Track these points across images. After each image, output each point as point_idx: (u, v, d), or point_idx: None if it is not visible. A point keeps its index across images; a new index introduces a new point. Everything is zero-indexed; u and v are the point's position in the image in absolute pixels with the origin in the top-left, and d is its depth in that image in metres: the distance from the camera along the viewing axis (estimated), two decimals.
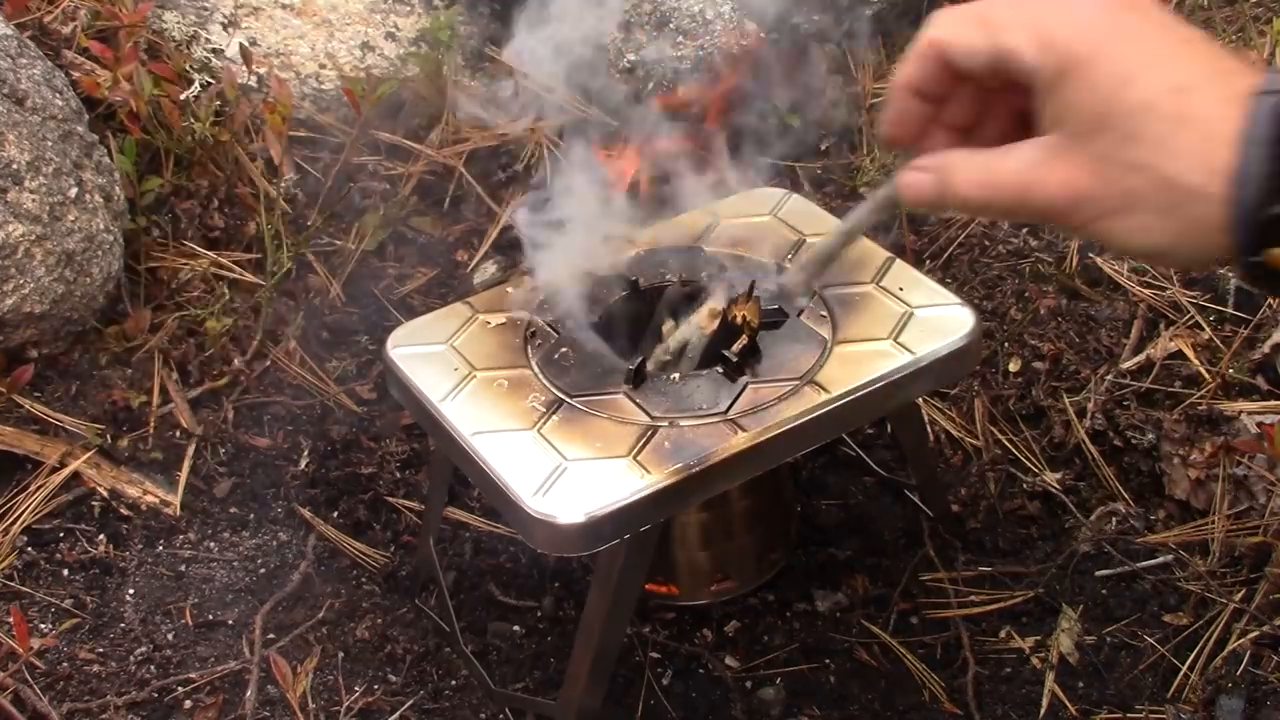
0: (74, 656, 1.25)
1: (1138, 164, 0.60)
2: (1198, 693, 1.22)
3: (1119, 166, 0.61)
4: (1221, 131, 0.58)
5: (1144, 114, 0.59)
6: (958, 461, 1.49)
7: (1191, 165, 0.58)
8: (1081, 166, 0.62)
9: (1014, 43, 0.64)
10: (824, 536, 1.41)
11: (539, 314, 1.18)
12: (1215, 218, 0.58)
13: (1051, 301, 1.57)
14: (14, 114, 1.41)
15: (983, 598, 1.34)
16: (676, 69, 1.83)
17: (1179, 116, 0.59)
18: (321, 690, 1.25)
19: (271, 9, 1.78)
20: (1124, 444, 1.43)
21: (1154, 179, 0.59)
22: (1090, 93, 0.61)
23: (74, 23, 1.64)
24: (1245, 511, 1.34)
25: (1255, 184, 0.56)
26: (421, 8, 1.84)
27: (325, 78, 1.75)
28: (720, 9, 1.81)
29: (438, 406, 1.09)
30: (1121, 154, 0.60)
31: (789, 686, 1.28)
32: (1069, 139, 0.62)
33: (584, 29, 1.47)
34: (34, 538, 1.36)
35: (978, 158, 0.67)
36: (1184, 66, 0.60)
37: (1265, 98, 0.57)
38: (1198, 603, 1.30)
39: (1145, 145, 0.59)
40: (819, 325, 1.15)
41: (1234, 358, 1.44)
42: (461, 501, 1.46)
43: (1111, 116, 0.60)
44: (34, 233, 1.38)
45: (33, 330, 1.43)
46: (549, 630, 1.34)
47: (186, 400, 1.49)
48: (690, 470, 1.00)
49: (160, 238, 1.60)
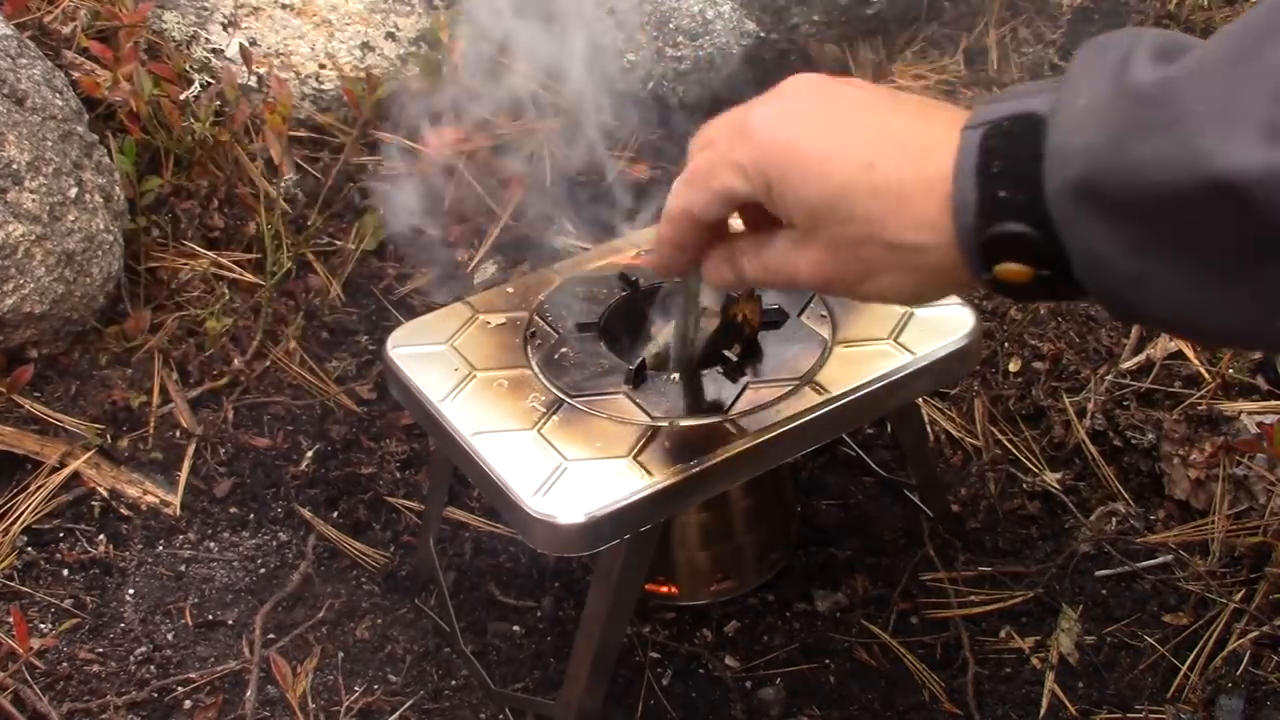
0: (74, 656, 1.25)
1: (861, 239, 0.68)
2: (1198, 693, 1.22)
3: (848, 246, 0.69)
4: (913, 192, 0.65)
5: (843, 198, 0.68)
6: (958, 461, 1.49)
7: (902, 226, 0.66)
8: (820, 252, 0.71)
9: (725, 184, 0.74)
10: (824, 536, 1.41)
11: (538, 314, 1.18)
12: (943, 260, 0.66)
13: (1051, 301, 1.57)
14: (14, 114, 1.41)
15: (983, 598, 1.34)
16: (677, 69, 1.83)
17: (872, 190, 0.67)
18: (321, 690, 1.25)
19: (271, 9, 1.78)
20: (1124, 444, 1.43)
21: (879, 247, 0.68)
22: (795, 195, 0.70)
23: (74, 23, 1.64)
24: (1245, 511, 1.34)
25: (970, 211, 0.63)
26: (421, 8, 1.84)
27: (325, 78, 1.76)
28: (720, 9, 1.81)
29: (438, 406, 1.09)
30: (844, 235, 0.69)
31: (789, 686, 1.28)
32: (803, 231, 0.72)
33: None
34: (34, 538, 1.36)
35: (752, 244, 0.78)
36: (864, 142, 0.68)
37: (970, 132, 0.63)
38: (1198, 603, 1.30)
39: (858, 223, 0.68)
40: (819, 325, 1.15)
41: (1234, 358, 1.44)
42: (461, 501, 1.46)
43: (821, 209, 0.69)
44: (34, 233, 1.38)
45: (33, 330, 1.43)
46: (549, 630, 1.34)
47: (186, 400, 1.49)
48: (690, 470, 1.00)
49: (160, 238, 1.60)
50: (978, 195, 0.62)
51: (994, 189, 0.62)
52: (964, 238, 0.63)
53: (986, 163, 0.62)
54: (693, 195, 0.78)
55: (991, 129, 0.62)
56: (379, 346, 1.47)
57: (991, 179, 0.62)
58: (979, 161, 0.62)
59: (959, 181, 0.63)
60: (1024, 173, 0.60)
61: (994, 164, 0.62)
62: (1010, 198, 0.61)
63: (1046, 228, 0.60)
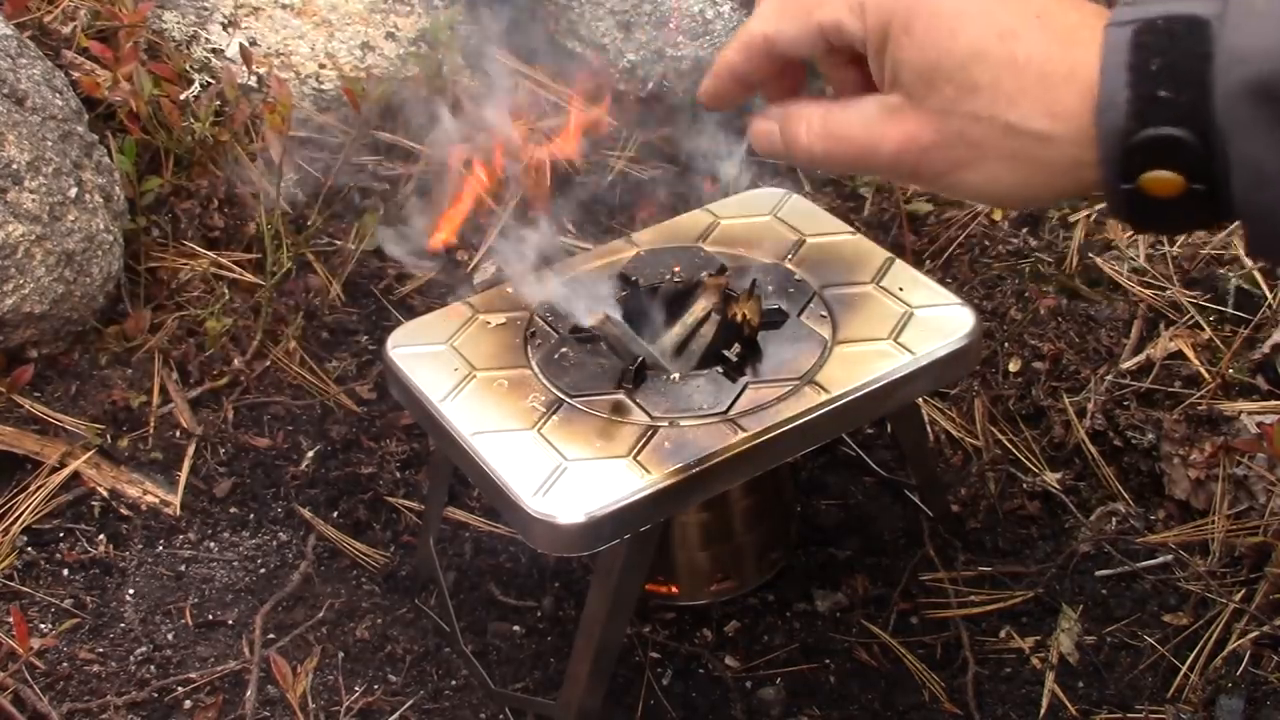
0: (74, 656, 1.25)
1: (978, 114, 0.60)
2: (1198, 693, 1.22)
3: (960, 118, 0.60)
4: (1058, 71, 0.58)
5: (975, 63, 0.59)
6: (958, 461, 1.49)
7: (1032, 110, 0.58)
8: (922, 121, 0.62)
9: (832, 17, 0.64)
10: (824, 536, 1.41)
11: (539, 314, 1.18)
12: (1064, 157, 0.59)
13: (1051, 301, 1.57)
14: (14, 114, 1.41)
15: (983, 598, 1.34)
16: (677, 69, 1.83)
17: (1011, 61, 0.59)
18: (321, 690, 1.25)
19: (271, 9, 1.78)
20: (1124, 444, 1.43)
21: (996, 128, 0.59)
22: (918, 49, 0.61)
23: (74, 23, 1.64)
24: (1245, 511, 1.34)
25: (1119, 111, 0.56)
26: (421, 8, 1.84)
27: (325, 78, 1.76)
28: (720, 9, 1.81)
29: (438, 406, 1.09)
30: (960, 105, 0.60)
31: (789, 686, 1.28)
32: (907, 95, 0.62)
33: None
34: (34, 538, 1.36)
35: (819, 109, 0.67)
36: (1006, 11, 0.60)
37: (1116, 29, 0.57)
38: (1198, 603, 1.30)
39: (983, 95, 0.59)
40: (819, 325, 1.15)
41: (1234, 358, 1.44)
42: (461, 501, 1.46)
43: (943, 69, 0.60)
44: (34, 233, 1.38)
45: (33, 330, 1.43)
46: (549, 630, 1.34)
47: (186, 400, 1.49)
48: (690, 470, 1.00)
49: (160, 238, 1.60)
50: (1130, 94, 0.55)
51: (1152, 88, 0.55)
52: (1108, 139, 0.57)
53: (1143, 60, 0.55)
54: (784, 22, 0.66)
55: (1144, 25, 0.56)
56: (379, 346, 1.47)
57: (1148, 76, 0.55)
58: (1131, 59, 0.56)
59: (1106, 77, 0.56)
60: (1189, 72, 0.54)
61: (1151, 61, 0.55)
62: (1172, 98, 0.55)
63: (1208, 135, 0.54)
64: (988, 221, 1.71)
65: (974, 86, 0.60)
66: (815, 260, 1.23)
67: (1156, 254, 1.59)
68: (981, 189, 0.62)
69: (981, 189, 0.62)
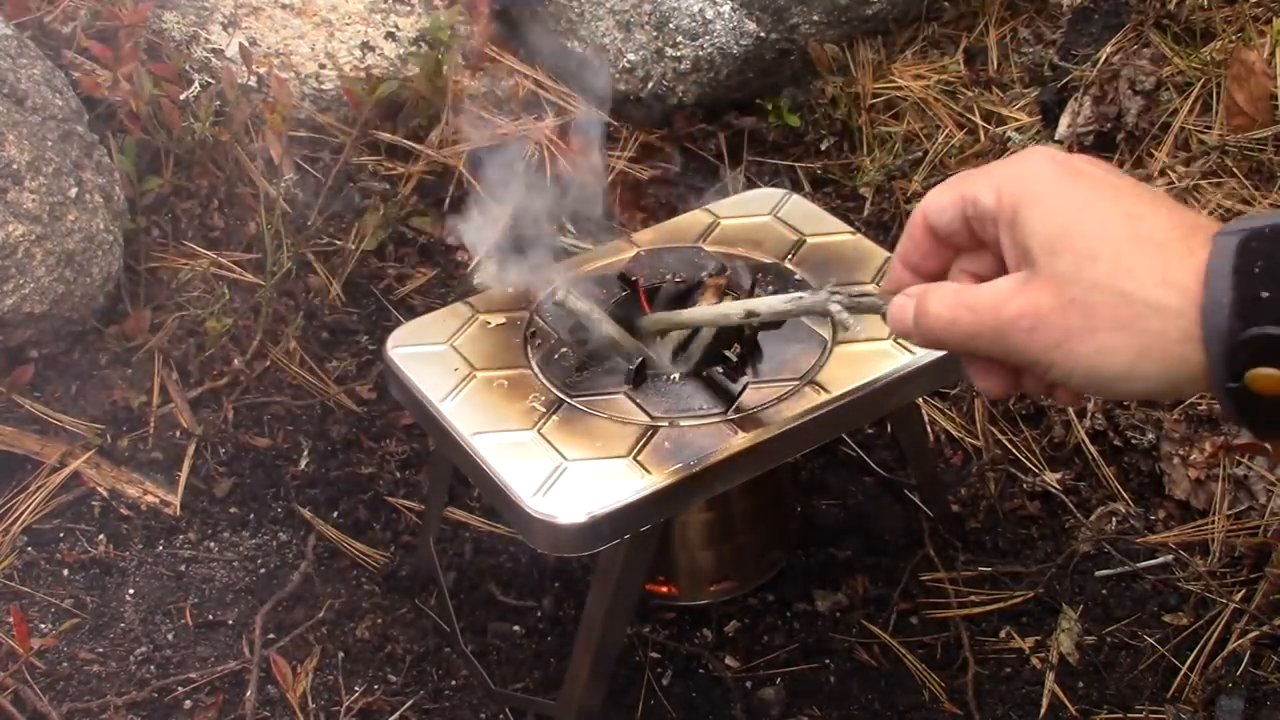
0: (74, 656, 1.25)
1: (1097, 281, 0.62)
2: (1198, 693, 1.22)
3: (1079, 285, 0.62)
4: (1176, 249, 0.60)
5: (1100, 235, 0.62)
6: (958, 461, 1.49)
7: (1147, 280, 0.60)
8: (1043, 288, 0.64)
9: (975, 190, 0.68)
10: (824, 536, 1.41)
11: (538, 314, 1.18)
12: (1175, 333, 0.60)
13: None
14: (14, 114, 1.41)
15: (983, 598, 1.34)
16: (676, 69, 1.83)
17: (1134, 236, 0.61)
18: (321, 690, 1.25)
19: (271, 9, 1.78)
20: (1124, 444, 1.43)
21: (1112, 295, 0.61)
22: (1046, 220, 0.64)
23: (74, 23, 1.64)
24: (1245, 511, 1.34)
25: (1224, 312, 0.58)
26: (421, 8, 1.84)
27: (325, 78, 1.76)
28: (720, 9, 1.81)
29: (438, 406, 1.09)
30: (1081, 273, 0.62)
31: (789, 686, 1.28)
32: (1032, 267, 0.64)
33: None
34: (34, 538, 1.36)
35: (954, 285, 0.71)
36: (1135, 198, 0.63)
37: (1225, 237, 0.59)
38: (1198, 603, 1.30)
39: (1102, 263, 0.62)
40: (819, 325, 1.15)
41: None
42: (461, 501, 1.46)
43: (1069, 237, 0.63)
44: (34, 233, 1.38)
45: (33, 330, 1.43)
46: (549, 630, 1.34)
47: (186, 400, 1.49)
48: (690, 470, 1.00)
49: (160, 238, 1.60)
50: (1234, 295, 0.58)
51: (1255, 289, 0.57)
52: (1213, 340, 0.59)
53: (1247, 263, 0.58)
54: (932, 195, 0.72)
55: (1253, 234, 0.59)
56: (379, 346, 1.47)
57: (1252, 279, 0.58)
58: (1237, 263, 0.58)
59: (1212, 279, 0.58)
60: None
61: (1255, 264, 0.58)
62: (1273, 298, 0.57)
63: None
64: None
65: (1095, 255, 0.62)
66: (815, 260, 1.23)
67: None
68: (1094, 362, 0.63)
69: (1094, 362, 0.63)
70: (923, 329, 0.71)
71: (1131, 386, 0.63)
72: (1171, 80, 1.73)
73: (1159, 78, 1.74)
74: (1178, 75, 1.73)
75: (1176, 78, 1.73)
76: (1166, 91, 1.73)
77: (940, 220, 0.71)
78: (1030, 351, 0.65)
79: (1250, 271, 0.58)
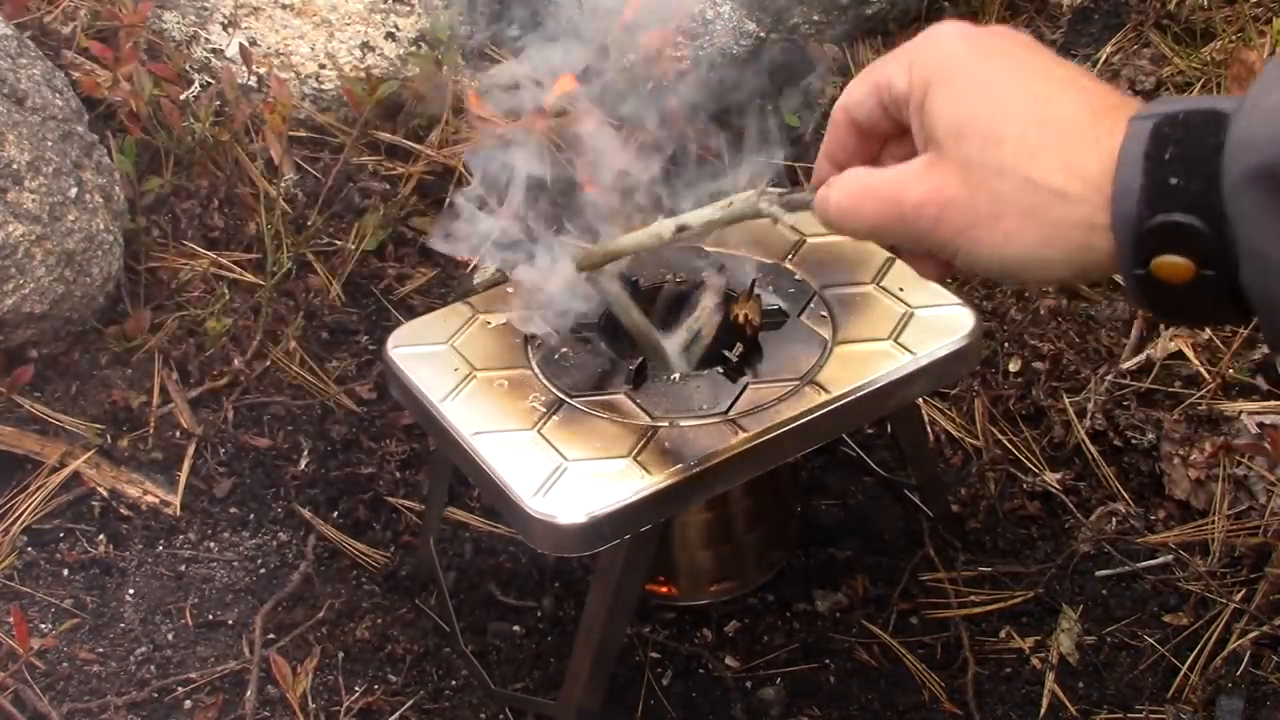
0: (74, 656, 1.25)
1: (1001, 166, 0.61)
2: (1198, 693, 1.22)
3: (983, 170, 0.61)
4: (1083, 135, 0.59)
5: (1005, 118, 0.61)
6: (958, 461, 1.49)
7: (1053, 166, 0.59)
8: (948, 173, 0.63)
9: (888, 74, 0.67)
10: (824, 536, 1.41)
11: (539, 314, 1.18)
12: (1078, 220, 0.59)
13: (1051, 301, 1.57)
14: (14, 114, 1.41)
15: (983, 598, 1.34)
16: (676, 69, 1.83)
17: (1040, 120, 0.60)
18: (321, 690, 1.25)
19: (271, 9, 1.78)
20: (1124, 444, 1.43)
21: (1017, 181, 0.60)
22: (953, 102, 0.63)
23: (74, 23, 1.64)
24: (1245, 511, 1.34)
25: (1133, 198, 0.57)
26: (421, 8, 1.84)
27: (325, 78, 1.76)
28: (720, 9, 1.81)
29: (438, 406, 1.09)
30: (986, 157, 0.61)
31: (789, 686, 1.28)
32: (938, 150, 0.64)
33: None
34: (34, 538, 1.36)
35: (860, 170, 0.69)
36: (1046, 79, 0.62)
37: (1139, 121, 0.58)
38: (1198, 603, 1.30)
39: (1007, 147, 0.61)
40: (819, 325, 1.15)
41: (1234, 358, 1.44)
42: (461, 501, 1.46)
43: (975, 120, 0.62)
44: (34, 233, 1.38)
45: (33, 330, 1.43)
46: (549, 630, 1.34)
47: (186, 400, 1.49)
48: (690, 470, 1.00)
49: (160, 238, 1.60)
50: (1144, 181, 0.57)
51: (1164, 175, 0.56)
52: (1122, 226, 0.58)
53: (1159, 149, 0.57)
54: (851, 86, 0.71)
55: (1165, 119, 0.58)
56: (379, 346, 1.47)
57: (1162, 165, 0.57)
58: (1149, 147, 0.57)
59: (1123, 165, 0.58)
60: (1200, 161, 0.56)
61: (1166, 150, 0.57)
62: (1182, 185, 0.56)
63: (1218, 224, 0.55)
64: None
65: (1000, 139, 0.61)
66: (815, 260, 1.23)
67: None
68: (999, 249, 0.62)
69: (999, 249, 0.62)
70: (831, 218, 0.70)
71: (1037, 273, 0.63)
72: (1171, 80, 1.73)
73: (1159, 78, 1.74)
74: (1178, 75, 1.73)
75: (1176, 78, 1.73)
76: (1167, 91, 1.73)
77: (860, 113, 0.70)
78: (935, 237, 0.64)
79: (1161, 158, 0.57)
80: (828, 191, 0.69)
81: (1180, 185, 0.56)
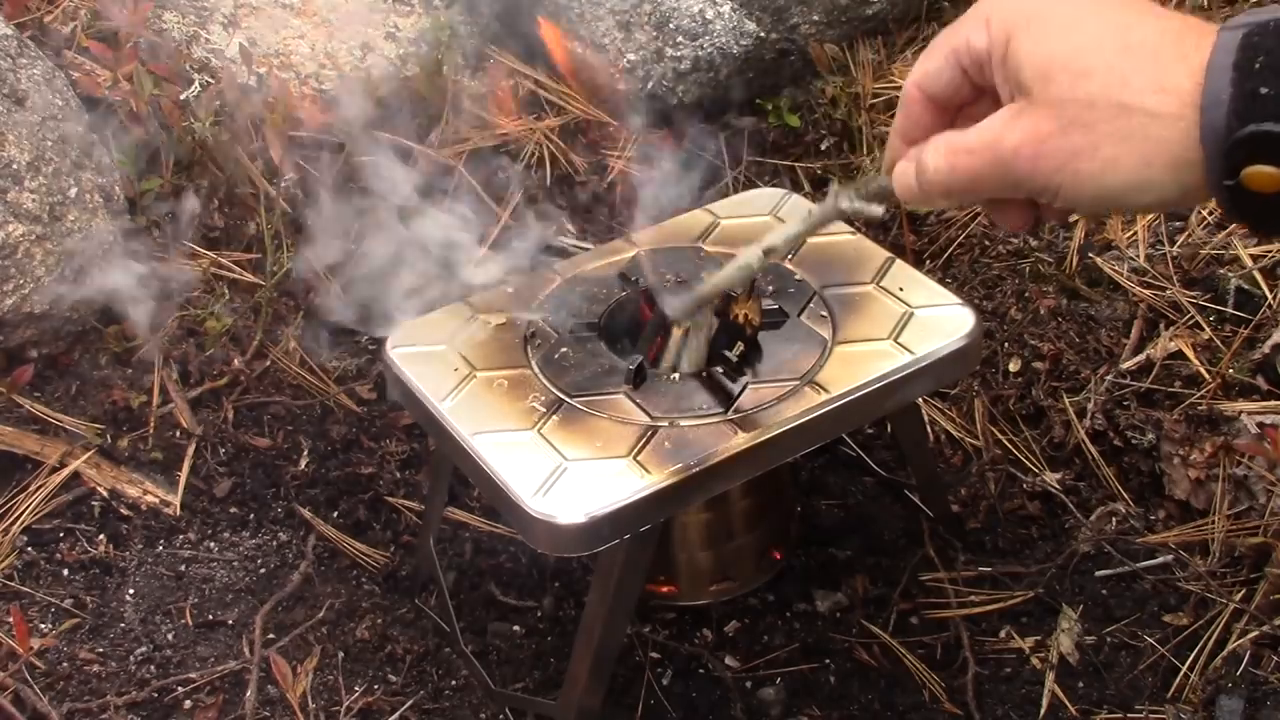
0: (74, 656, 1.25)
1: (1093, 97, 0.61)
2: (1198, 693, 1.22)
3: (1075, 105, 0.62)
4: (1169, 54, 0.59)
5: (1089, 51, 0.62)
6: (958, 461, 1.49)
7: (1144, 88, 0.60)
8: (1040, 114, 0.63)
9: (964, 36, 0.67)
10: (824, 536, 1.41)
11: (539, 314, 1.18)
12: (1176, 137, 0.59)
13: (1051, 301, 1.57)
14: (14, 114, 1.41)
15: (983, 598, 1.34)
16: (676, 69, 1.83)
17: (1125, 47, 0.61)
18: (321, 690, 1.25)
19: (271, 9, 1.78)
20: (1124, 444, 1.43)
21: (1110, 109, 0.60)
22: (1035, 45, 0.63)
23: (74, 23, 1.64)
24: (1245, 511, 1.34)
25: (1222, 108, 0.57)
26: (421, 8, 1.84)
27: (325, 78, 1.75)
28: (720, 9, 1.81)
29: (438, 406, 1.09)
30: (1076, 91, 0.62)
31: (789, 686, 1.28)
32: (1027, 95, 0.64)
33: None
34: (34, 538, 1.36)
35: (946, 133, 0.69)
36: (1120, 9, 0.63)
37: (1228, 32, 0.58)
38: (1198, 603, 1.30)
39: (1096, 78, 0.61)
40: (819, 325, 1.15)
41: (1234, 358, 1.44)
42: (461, 501, 1.46)
43: (1060, 58, 0.62)
44: (34, 233, 1.38)
45: (33, 330, 1.43)
46: (549, 630, 1.34)
47: (186, 400, 1.49)
48: (690, 470, 1.00)
49: (160, 238, 1.60)
50: (1233, 91, 0.57)
51: (1254, 84, 0.56)
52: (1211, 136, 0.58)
53: (1248, 59, 0.57)
54: (921, 62, 0.70)
55: (1256, 28, 0.57)
56: (379, 346, 1.47)
57: (1251, 74, 0.56)
58: (1238, 58, 0.57)
59: (1212, 75, 0.57)
60: None
61: (1257, 59, 0.56)
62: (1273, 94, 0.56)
63: None
64: (988, 222, 1.71)
65: (1088, 71, 0.61)
66: (815, 260, 1.23)
67: (1156, 254, 1.59)
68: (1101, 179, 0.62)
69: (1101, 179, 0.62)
70: (926, 185, 0.70)
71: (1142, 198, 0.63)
72: None
73: None
74: None
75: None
76: None
77: (937, 85, 0.70)
78: (1036, 179, 0.64)
79: (1250, 68, 0.57)
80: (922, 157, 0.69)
81: (1270, 94, 0.56)
